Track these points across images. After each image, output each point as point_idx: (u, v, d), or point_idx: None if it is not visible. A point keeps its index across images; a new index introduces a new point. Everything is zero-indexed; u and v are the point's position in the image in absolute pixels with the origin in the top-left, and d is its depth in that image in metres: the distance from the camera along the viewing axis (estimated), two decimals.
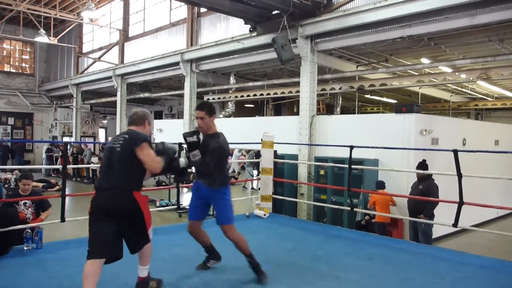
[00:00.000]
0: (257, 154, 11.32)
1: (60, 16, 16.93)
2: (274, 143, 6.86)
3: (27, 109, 21.98)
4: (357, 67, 11.08)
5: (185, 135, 3.65)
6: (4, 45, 22.07)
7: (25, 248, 4.34)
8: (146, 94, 16.85)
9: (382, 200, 7.00)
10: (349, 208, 6.07)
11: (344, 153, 6.72)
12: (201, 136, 3.70)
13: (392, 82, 10.51)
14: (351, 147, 5.73)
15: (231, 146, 3.92)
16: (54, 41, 16.79)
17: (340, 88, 10.77)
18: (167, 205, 10.36)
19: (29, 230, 4.42)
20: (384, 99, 15.46)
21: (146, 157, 3.11)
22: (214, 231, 3.91)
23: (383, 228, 6.95)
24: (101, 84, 17.66)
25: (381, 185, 7.13)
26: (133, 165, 3.11)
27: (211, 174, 3.68)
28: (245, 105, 18.20)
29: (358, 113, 14.02)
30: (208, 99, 14.00)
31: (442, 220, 5.93)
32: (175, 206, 6.44)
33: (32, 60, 22.74)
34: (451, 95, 14.29)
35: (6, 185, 12.41)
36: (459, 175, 4.61)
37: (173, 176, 12.03)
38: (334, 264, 4.29)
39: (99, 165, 16.17)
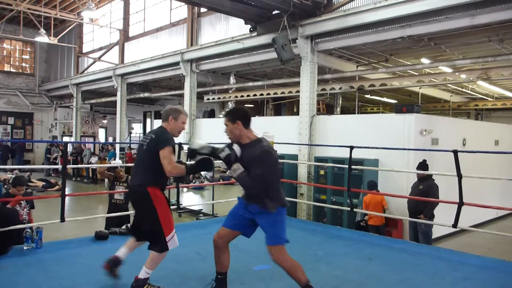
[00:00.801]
0: None
1: (60, 16, 16.93)
2: (274, 143, 6.85)
3: (27, 109, 21.99)
4: (357, 67, 11.08)
5: (216, 152, 3.12)
6: (4, 45, 22.08)
7: (24, 247, 4.34)
8: (146, 94, 16.86)
9: (373, 202, 6.96)
10: (349, 208, 6.07)
11: (344, 153, 6.72)
12: (236, 148, 3.14)
13: (392, 82, 10.50)
14: (351, 147, 5.72)
15: None
16: (54, 41, 16.79)
17: (340, 88, 10.77)
18: None
19: (29, 230, 4.42)
20: (384, 99, 15.45)
21: (165, 160, 3.16)
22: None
23: (377, 232, 6.90)
24: (101, 84, 17.66)
25: (373, 185, 7.08)
26: (155, 162, 3.19)
27: (261, 195, 3.06)
28: (245, 105, 18.20)
29: (358, 113, 14.00)
30: (208, 99, 14.00)
31: (442, 220, 5.93)
32: (175, 206, 6.43)
33: (32, 60, 22.74)
34: (451, 95, 14.29)
35: (5, 185, 12.40)
36: (459, 176, 4.61)
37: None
38: (334, 264, 4.29)
39: (99, 165, 16.19)
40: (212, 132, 11.79)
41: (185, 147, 3.60)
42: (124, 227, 5.16)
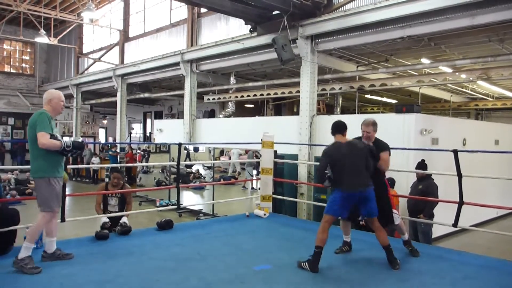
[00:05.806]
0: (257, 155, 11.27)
1: (61, 16, 16.97)
2: (274, 143, 6.86)
3: (27, 109, 21.98)
4: (357, 67, 11.08)
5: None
6: (5, 45, 22.10)
7: None
8: (146, 94, 16.87)
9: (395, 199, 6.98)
10: None
11: None
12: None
13: (392, 82, 10.50)
14: None
15: (230, 146, 3.90)
16: (54, 41, 16.81)
17: (340, 88, 10.77)
18: (167, 205, 10.37)
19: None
20: (384, 99, 15.45)
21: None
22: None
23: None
24: (101, 84, 17.67)
25: (392, 182, 7.05)
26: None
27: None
28: (245, 105, 18.19)
29: (358, 113, 14.00)
30: (208, 99, 14.01)
31: (442, 220, 5.92)
32: (175, 206, 6.44)
33: (32, 61, 22.76)
34: (451, 95, 14.29)
35: (7, 187, 12.41)
36: (459, 175, 4.61)
37: (174, 176, 12.00)
38: (334, 264, 4.29)
39: (100, 165, 16.11)
40: (212, 132, 11.81)
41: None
42: (119, 227, 5.15)
